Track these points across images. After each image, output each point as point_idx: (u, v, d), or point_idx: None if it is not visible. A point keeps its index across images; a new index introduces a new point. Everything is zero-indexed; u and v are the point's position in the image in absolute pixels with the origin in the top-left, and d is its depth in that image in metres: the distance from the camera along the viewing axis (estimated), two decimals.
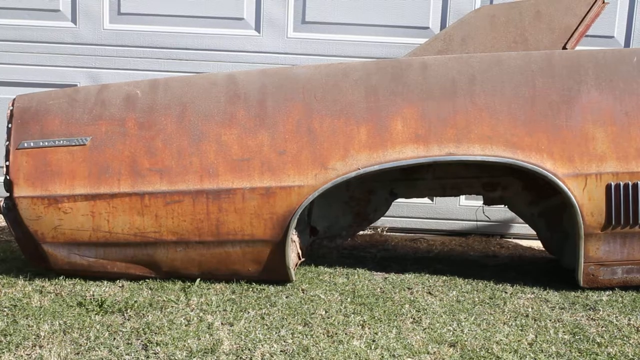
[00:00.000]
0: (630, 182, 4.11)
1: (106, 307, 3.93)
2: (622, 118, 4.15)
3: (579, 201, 4.12)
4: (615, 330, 3.79)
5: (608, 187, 4.12)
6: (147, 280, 4.38)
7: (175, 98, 4.27)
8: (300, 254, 4.60)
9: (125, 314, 3.87)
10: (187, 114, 4.21)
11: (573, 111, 4.15)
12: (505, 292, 4.36)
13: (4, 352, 3.35)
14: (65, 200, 4.17)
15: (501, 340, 3.61)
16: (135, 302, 4.01)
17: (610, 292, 4.34)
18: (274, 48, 6.01)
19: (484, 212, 5.74)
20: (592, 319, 3.95)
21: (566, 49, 4.55)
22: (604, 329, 3.81)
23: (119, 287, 4.31)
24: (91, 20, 6.05)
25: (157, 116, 4.22)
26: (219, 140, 4.17)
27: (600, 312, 4.02)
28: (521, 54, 4.35)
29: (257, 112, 4.20)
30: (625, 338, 3.68)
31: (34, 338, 3.52)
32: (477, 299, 4.22)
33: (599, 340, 3.64)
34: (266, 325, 3.75)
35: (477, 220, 5.93)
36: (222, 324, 3.76)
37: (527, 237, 5.87)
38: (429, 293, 4.33)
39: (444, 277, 4.62)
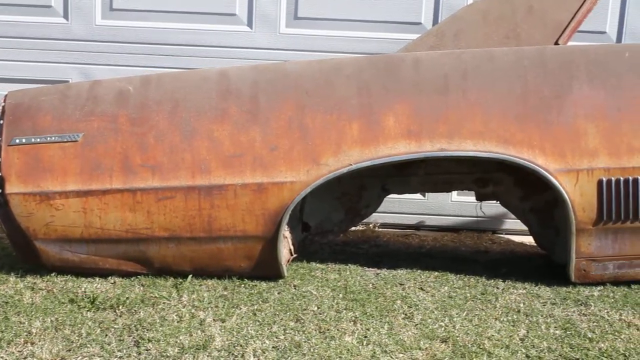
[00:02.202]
0: (621, 178, 4.11)
1: (98, 303, 3.93)
2: (613, 113, 4.14)
3: (571, 197, 4.12)
4: (606, 326, 3.79)
5: (600, 182, 4.12)
6: (139, 276, 4.38)
7: (168, 94, 4.26)
8: (292, 250, 4.59)
9: (117, 311, 3.86)
10: (179, 110, 4.20)
11: (565, 106, 4.15)
12: (497, 288, 4.36)
13: None
14: (57, 197, 4.16)
15: (493, 335, 3.62)
16: (127, 298, 4.01)
17: (602, 287, 4.35)
18: (266, 44, 6.00)
19: (481, 209, 5.73)
20: (583, 314, 3.96)
21: (558, 44, 4.55)
22: (595, 324, 3.81)
23: (111, 283, 4.30)
24: (83, 16, 6.03)
25: (149, 112, 4.21)
26: (211, 136, 4.16)
27: (592, 308, 4.03)
28: (513, 49, 4.36)
29: (249, 108, 4.19)
30: (616, 333, 3.69)
31: (26, 335, 3.52)
32: (468, 295, 4.23)
33: (590, 336, 3.64)
34: (258, 321, 3.75)
35: (476, 217, 5.91)
36: (213, 320, 3.76)
37: (519, 233, 5.86)
38: (421, 289, 4.33)
39: (436, 273, 4.62)
